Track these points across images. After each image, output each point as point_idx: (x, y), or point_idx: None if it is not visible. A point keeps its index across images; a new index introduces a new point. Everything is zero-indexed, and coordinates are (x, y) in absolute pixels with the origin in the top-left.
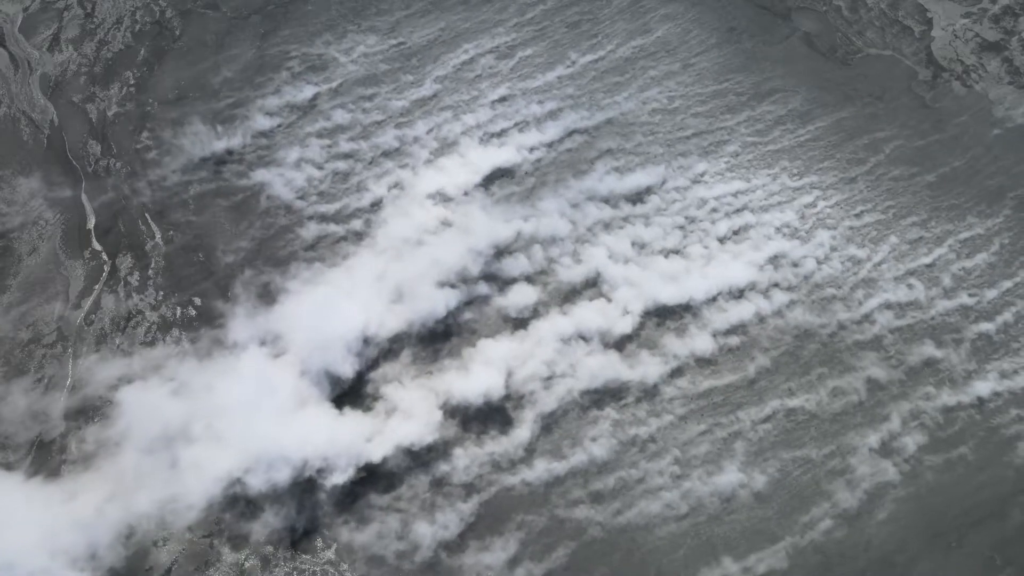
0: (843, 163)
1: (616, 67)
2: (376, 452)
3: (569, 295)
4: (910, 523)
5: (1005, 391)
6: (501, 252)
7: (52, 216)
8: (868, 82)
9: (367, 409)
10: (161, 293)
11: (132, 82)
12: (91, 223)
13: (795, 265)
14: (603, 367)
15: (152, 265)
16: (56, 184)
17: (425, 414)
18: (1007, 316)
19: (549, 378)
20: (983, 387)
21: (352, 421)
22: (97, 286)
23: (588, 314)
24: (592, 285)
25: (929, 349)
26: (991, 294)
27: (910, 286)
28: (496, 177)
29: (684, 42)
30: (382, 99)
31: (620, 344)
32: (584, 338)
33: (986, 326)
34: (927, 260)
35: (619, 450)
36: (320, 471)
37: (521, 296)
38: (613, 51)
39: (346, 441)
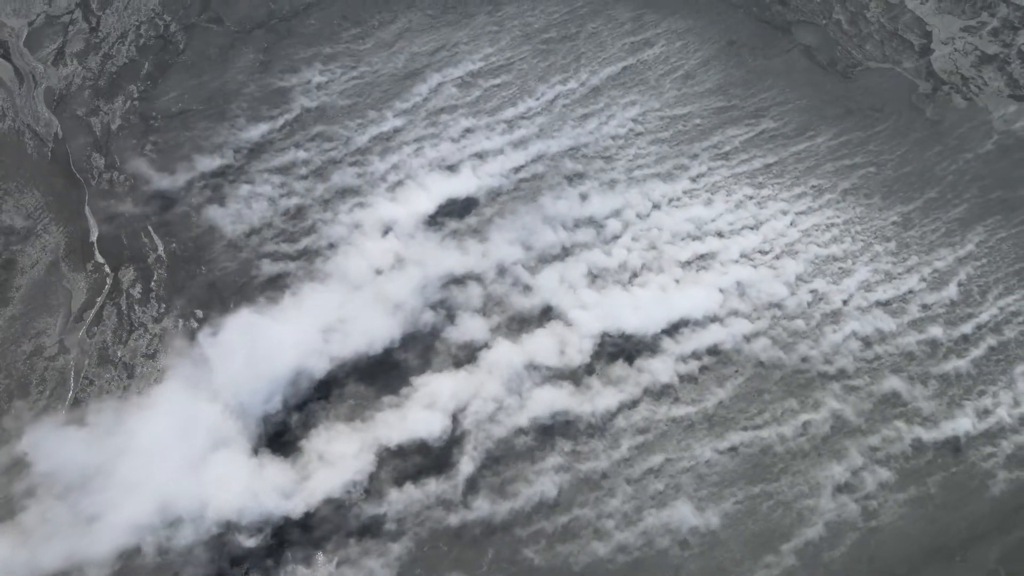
0: (829, 179)
1: (614, 82)
2: (297, 507)
3: (521, 325)
4: (914, 536)
5: (977, 428)
6: (452, 284)
7: (55, 229)
8: (868, 95)
9: (295, 453)
10: (163, 306)
11: (136, 95)
12: (94, 236)
13: (759, 293)
14: (554, 400)
15: (155, 278)
16: (60, 197)
17: (358, 456)
18: (980, 351)
19: (497, 412)
20: (955, 425)
21: (275, 469)
22: (99, 299)
23: (540, 345)
24: (545, 315)
25: (896, 384)
26: (964, 328)
27: (878, 318)
28: (452, 208)
29: (684, 56)
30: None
31: (573, 376)
32: (535, 370)
33: (957, 363)
34: (897, 291)
35: (569, 488)
36: (231, 526)
37: (470, 328)
38: (612, 66)
39: (265, 492)
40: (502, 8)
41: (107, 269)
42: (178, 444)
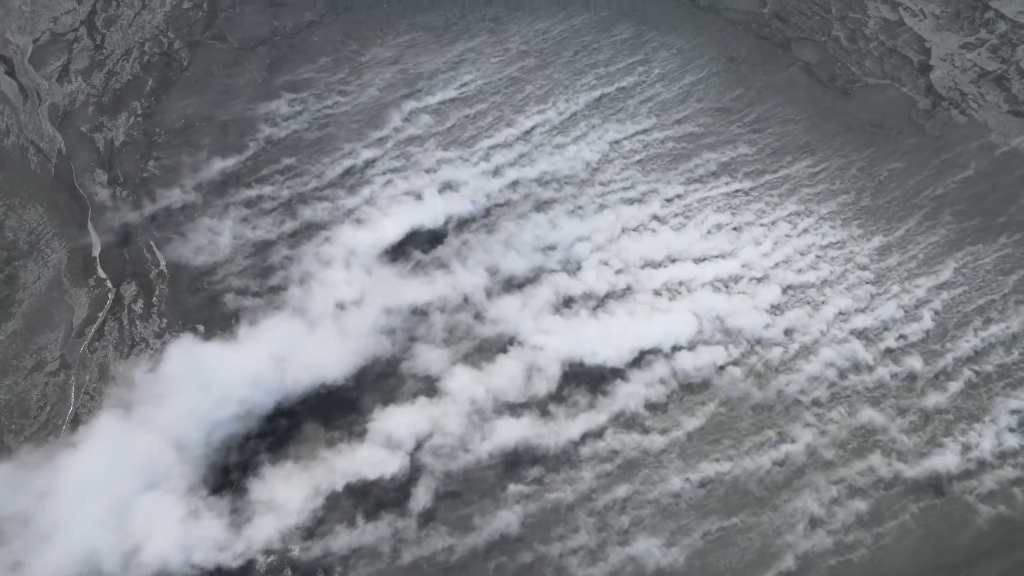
0: (809, 203)
1: (612, 100)
2: (233, 557)
3: (484, 355)
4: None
5: (956, 463)
6: (415, 314)
7: (58, 244)
8: (868, 111)
9: (238, 494)
10: (165, 321)
11: (140, 112)
12: (96, 251)
13: (733, 321)
14: (517, 430)
15: (156, 293)
16: (62, 212)
17: (307, 499)
18: (959, 384)
19: (457, 444)
20: (933, 460)
21: (213, 514)
22: (101, 314)
23: (503, 374)
24: (510, 343)
25: (872, 416)
26: (942, 360)
27: (855, 348)
28: (419, 238)
29: (684, 72)
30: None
31: (537, 405)
32: (498, 400)
33: (936, 395)
34: (874, 321)
35: (532, 522)
36: None
37: (431, 359)
38: (614, 83)
39: (200, 541)
40: (503, 26)
41: (109, 284)
42: (109, 484)
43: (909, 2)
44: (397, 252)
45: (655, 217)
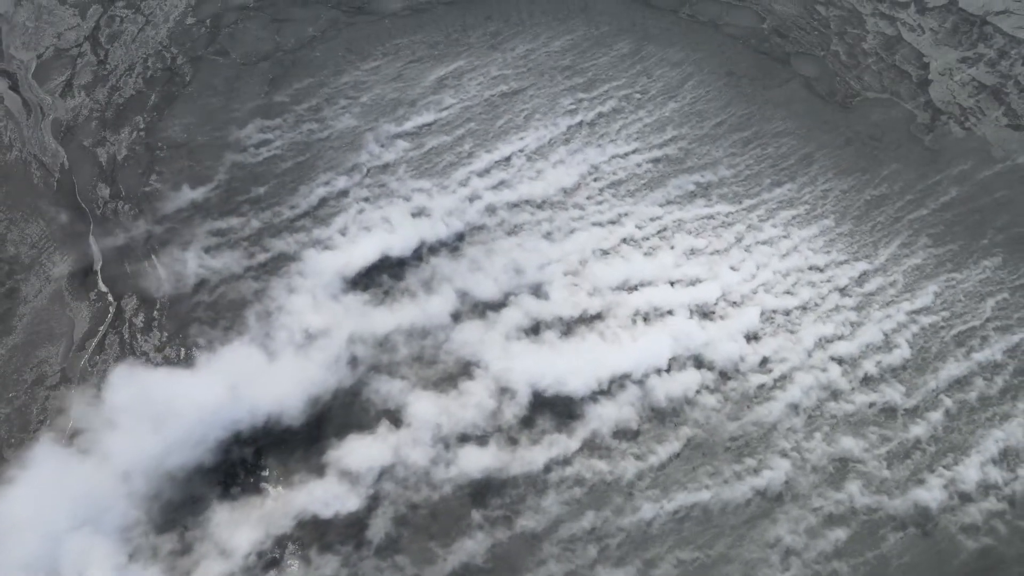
0: (798, 221)
1: (610, 114)
2: None
3: (449, 382)
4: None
5: (938, 494)
6: (382, 342)
7: (60, 258)
8: (868, 124)
9: (180, 533)
10: (166, 335)
11: (142, 126)
12: (98, 265)
13: (709, 348)
14: (482, 458)
15: (157, 307)
16: (65, 226)
17: (258, 539)
18: (938, 413)
19: (420, 474)
20: (915, 491)
21: (149, 558)
22: (102, 328)
23: (470, 401)
24: (476, 370)
25: (851, 446)
26: (923, 388)
27: (833, 376)
28: (388, 266)
29: (683, 87)
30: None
31: (503, 432)
32: (464, 427)
33: (916, 424)
34: (854, 348)
35: (498, 552)
36: None
37: (395, 388)
38: (612, 98)
39: None
40: (503, 40)
41: (110, 298)
42: (42, 520)
43: (907, 17)
44: (366, 279)
45: (626, 239)
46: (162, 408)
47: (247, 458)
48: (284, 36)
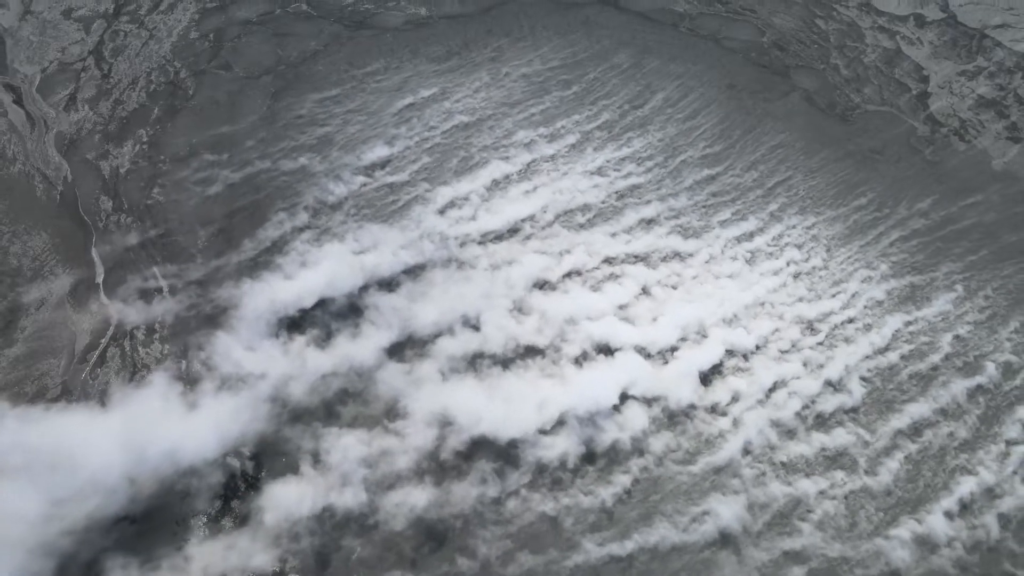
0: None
1: (607, 127)
2: None
3: (384, 421)
4: None
5: (896, 544)
6: (315, 384)
7: (61, 270)
8: (868, 137)
9: None
10: (167, 347)
11: (145, 140)
12: (100, 277)
13: (660, 387)
14: (417, 501)
15: (159, 319)
16: (67, 239)
17: None
18: (895, 462)
19: (350, 519)
20: (874, 542)
21: None
22: (103, 340)
23: (405, 441)
24: (412, 408)
25: (807, 490)
26: (884, 430)
27: (787, 419)
28: (331, 305)
29: (684, 99)
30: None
31: (440, 472)
32: (398, 468)
33: (875, 475)
34: (811, 391)
35: None
36: None
37: (329, 429)
38: (613, 110)
39: None
40: (504, 54)
41: (111, 310)
42: None
43: (906, 31)
44: (304, 320)
45: (575, 270)
46: (64, 455)
47: (156, 511)
48: (287, 50)
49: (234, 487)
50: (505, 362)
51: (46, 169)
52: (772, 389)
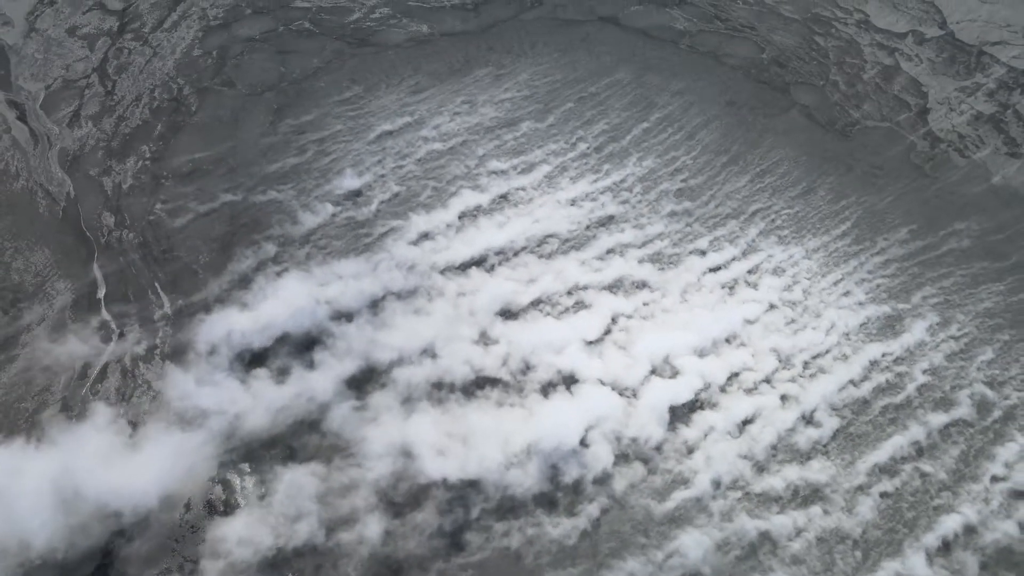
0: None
1: (607, 144)
2: None
3: (337, 460)
4: None
5: None
6: (266, 421)
7: (63, 286)
8: (868, 152)
9: None
10: (167, 363)
11: (148, 156)
12: (101, 292)
13: (623, 424)
14: (375, 534)
15: (160, 335)
16: (69, 254)
17: None
18: (870, 503)
19: (305, 556)
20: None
21: None
22: (104, 356)
23: (362, 476)
24: (366, 445)
25: (775, 524)
26: (858, 467)
27: (754, 457)
28: (291, 340)
29: (685, 115)
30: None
31: (396, 508)
32: (353, 505)
33: (848, 516)
34: (781, 426)
35: None
36: None
37: (282, 469)
38: (613, 126)
39: None
40: (504, 71)
41: (113, 326)
42: None
43: (905, 48)
44: (263, 354)
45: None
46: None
47: (88, 559)
48: (289, 67)
49: (178, 528)
50: (468, 393)
51: (49, 185)
52: (745, 423)
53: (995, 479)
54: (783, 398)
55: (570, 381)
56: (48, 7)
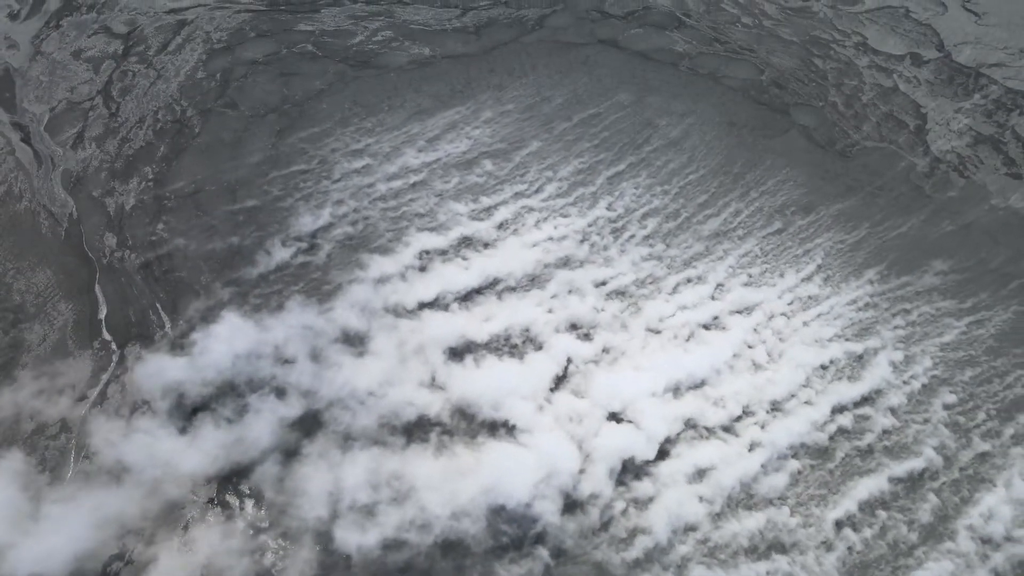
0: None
1: (612, 164)
2: None
3: (275, 504)
4: None
5: None
6: (202, 471)
7: (64, 307)
8: (868, 173)
9: None
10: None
11: (151, 177)
12: (102, 313)
13: (577, 471)
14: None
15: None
16: (70, 275)
17: None
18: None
19: None
20: None
21: None
22: (104, 376)
23: (295, 527)
24: (292, 488)
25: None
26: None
27: (716, 502)
28: (229, 385)
29: (685, 137)
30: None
31: (336, 554)
32: (284, 561)
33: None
34: (743, 474)
35: None
36: None
37: (207, 519)
38: (611, 147)
39: None
40: (506, 92)
41: (114, 347)
42: None
43: (903, 69)
44: (200, 402)
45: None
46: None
47: None
48: (292, 89)
49: None
50: (410, 436)
51: (52, 206)
52: (704, 471)
53: (968, 528)
54: (747, 445)
55: (519, 428)
56: (54, 30)
